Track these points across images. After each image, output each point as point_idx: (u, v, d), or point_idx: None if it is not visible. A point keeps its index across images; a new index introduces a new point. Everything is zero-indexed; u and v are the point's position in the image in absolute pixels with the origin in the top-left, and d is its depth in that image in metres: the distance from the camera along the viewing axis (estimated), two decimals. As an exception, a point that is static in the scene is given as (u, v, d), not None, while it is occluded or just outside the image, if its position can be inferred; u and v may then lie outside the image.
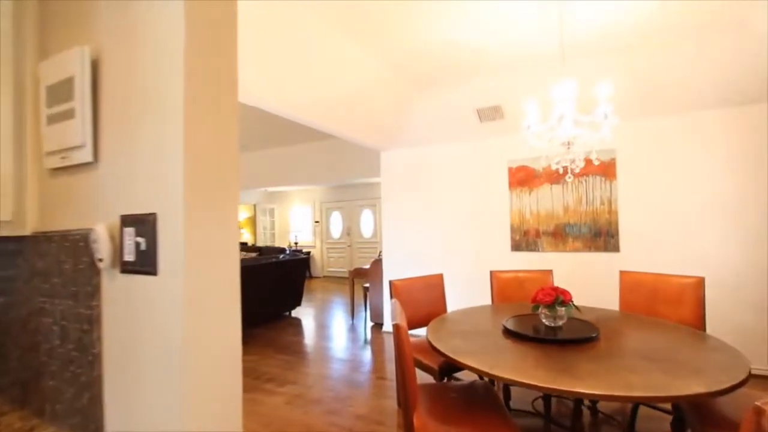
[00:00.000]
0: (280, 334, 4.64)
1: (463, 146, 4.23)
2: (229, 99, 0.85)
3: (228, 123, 0.84)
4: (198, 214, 0.75)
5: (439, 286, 2.98)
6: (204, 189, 0.77)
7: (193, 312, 0.75)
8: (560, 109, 2.00)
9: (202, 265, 0.77)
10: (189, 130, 0.74)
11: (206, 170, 0.78)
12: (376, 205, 9.19)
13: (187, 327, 0.73)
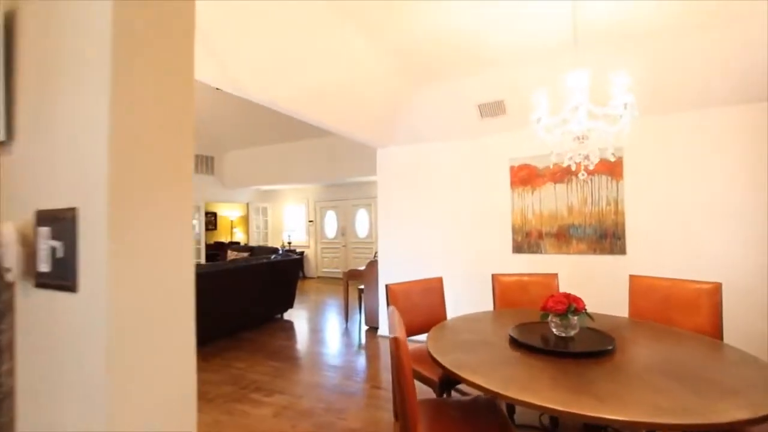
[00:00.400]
0: (270, 338, 4.44)
1: (463, 143, 4.05)
2: (182, 71, 0.67)
3: (179, 100, 0.66)
4: (129, 211, 0.56)
5: (439, 290, 2.80)
6: (141, 179, 0.58)
7: (123, 344, 0.56)
8: (575, 99, 1.83)
9: (134, 278, 0.58)
10: (118, 104, 0.55)
11: (144, 156, 0.59)
12: (371, 205, 9.00)
13: (111, 366, 0.54)
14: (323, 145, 8.01)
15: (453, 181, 4.12)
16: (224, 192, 9.49)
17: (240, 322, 4.63)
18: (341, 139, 7.76)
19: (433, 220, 4.22)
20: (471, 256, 4.00)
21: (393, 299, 2.54)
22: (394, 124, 4.01)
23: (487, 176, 3.94)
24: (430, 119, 3.91)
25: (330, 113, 3.36)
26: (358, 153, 7.52)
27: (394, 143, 4.37)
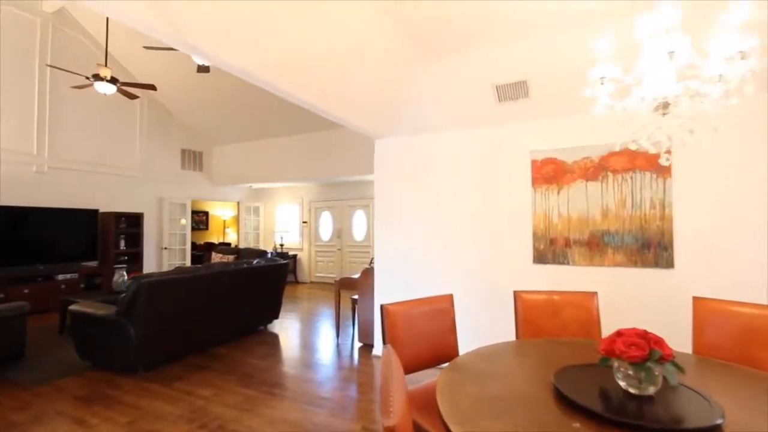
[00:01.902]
0: (247, 355, 3.84)
1: (475, 133, 3.47)
2: None
3: None
4: None
5: (448, 312, 2.20)
6: None
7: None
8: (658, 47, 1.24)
9: None
10: None
11: None
12: (369, 206, 8.41)
13: None
14: (318, 140, 7.43)
15: (462, 178, 3.53)
16: (215, 190, 8.90)
17: (215, 335, 4.03)
18: (337, 134, 7.19)
19: (438, 223, 3.63)
20: (483, 266, 3.41)
21: (391, 325, 1.95)
22: (395, 109, 3.42)
23: (503, 172, 3.35)
24: (438, 103, 3.32)
25: (317, 91, 2.78)
26: (356, 149, 6.94)
27: (395, 133, 3.79)
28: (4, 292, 5.30)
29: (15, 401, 2.82)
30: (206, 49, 2.05)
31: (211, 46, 2.06)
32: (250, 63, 2.25)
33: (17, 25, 5.77)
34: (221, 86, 6.72)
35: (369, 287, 4.13)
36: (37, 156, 5.99)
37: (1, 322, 3.27)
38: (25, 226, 5.70)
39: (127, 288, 3.23)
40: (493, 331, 3.24)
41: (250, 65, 2.25)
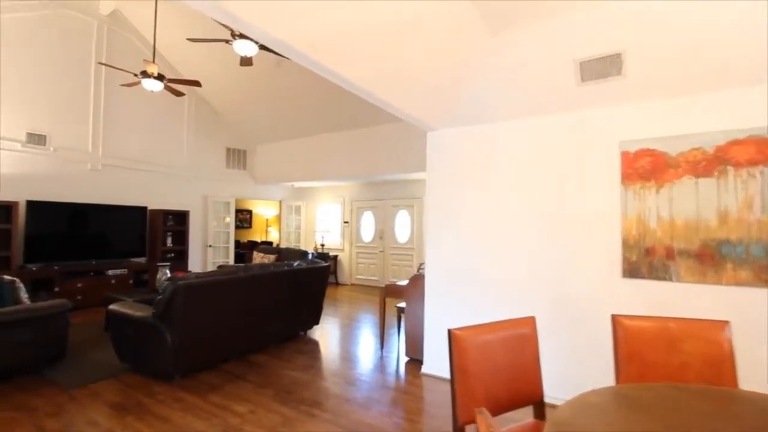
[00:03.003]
0: (286, 366, 3.56)
1: (550, 120, 2.95)
2: None
3: None
4: None
5: (530, 340, 1.74)
6: None
7: None
8: None
9: None
10: None
11: None
12: (414, 206, 8.00)
13: None
14: (362, 137, 7.13)
15: (534, 174, 3.02)
16: (258, 189, 8.89)
17: (253, 341, 3.80)
18: (382, 130, 6.84)
19: (502, 227, 3.15)
20: (558, 280, 2.88)
21: (460, 355, 1.53)
22: (454, 94, 2.99)
23: (585, 167, 2.81)
24: (506, 86, 2.84)
25: (366, 72, 2.41)
26: (401, 146, 6.56)
27: (453, 122, 3.34)
28: (59, 286, 5.45)
29: (50, 405, 2.70)
30: (245, 18, 1.74)
31: (250, 16, 1.75)
32: (292, 36, 1.92)
33: (76, 27, 5.95)
34: (265, 83, 6.60)
35: (418, 296, 3.73)
36: (92, 154, 6.16)
37: (44, 321, 3.21)
38: (80, 222, 5.86)
39: (163, 289, 3.05)
40: (578, 364, 2.72)
41: (292, 38, 1.92)
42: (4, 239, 5.13)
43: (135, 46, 6.62)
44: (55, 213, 5.59)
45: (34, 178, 5.57)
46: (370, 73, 2.44)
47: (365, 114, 6.65)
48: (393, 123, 6.62)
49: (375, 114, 6.53)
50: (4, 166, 5.32)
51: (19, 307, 3.16)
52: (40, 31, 5.59)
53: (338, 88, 6.22)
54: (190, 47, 6.36)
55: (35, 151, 5.57)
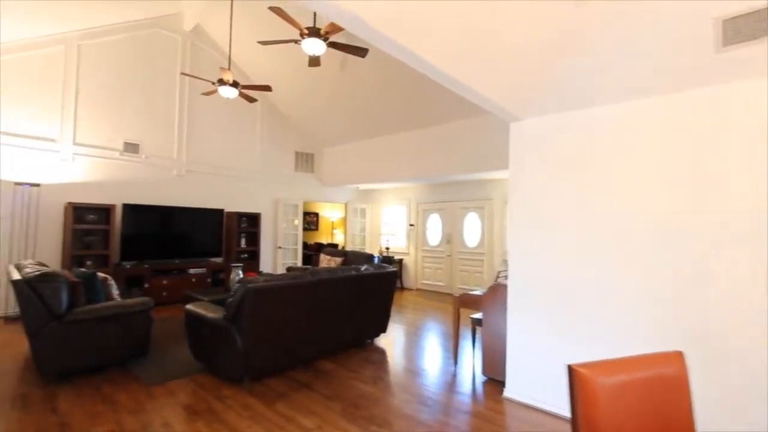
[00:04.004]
0: (354, 376, 3.36)
1: (673, 99, 2.38)
2: None
3: None
4: None
5: (679, 384, 1.29)
6: None
7: None
8: None
9: None
10: None
11: None
12: (484, 208, 7.47)
13: None
14: (429, 137, 6.81)
15: (648, 168, 2.47)
16: (324, 191, 8.99)
17: (319, 347, 3.67)
18: (450, 129, 6.45)
19: (605, 233, 2.63)
20: (685, 300, 2.30)
21: (588, 401, 1.15)
22: (549, 74, 2.55)
23: (722, 156, 2.21)
24: (618, 59, 2.34)
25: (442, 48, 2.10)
26: (472, 144, 6.12)
27: (545, 108, 2.89)
28: (148, 282, 5.90)
29: (131, 401, 2.77)
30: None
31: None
32: (365, 9, 1.68)
33: (163, 44, 6.45)
34: (331, 86, 6.59)
35: (498, 308, 3.31)
36: (176, 160, 6.62)
37: (130, 317, 3.36)
38: (166, 223, 6.31)
39: (234, 291, 3.02)
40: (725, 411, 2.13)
41: (363, 10, 1.68)
42: (104, 239, 5.67)
43: (213, 57, 7.02)
44: (145, 215, 6.07)
45: (128, 183, 6.10)
46: (452, 56, 2.13)
47: (432, 113, 6.33)
48: (462, 120, 6.21)
49: (442, 112, 6.18)
50: (106, 173, 5.89)
51: (109, 303, 3.35)
52: (135, 50, 6.12)
53: (404, 88, 5.98)
54: (261, 56, 6.57)
55: (130, 158, 6.11)
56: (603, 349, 2.58)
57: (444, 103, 5.98)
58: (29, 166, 5.23)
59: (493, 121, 5.78)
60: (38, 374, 3.16)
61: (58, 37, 5.40)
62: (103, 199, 5.79)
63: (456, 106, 5.94)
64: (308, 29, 3.79)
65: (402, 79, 5.83)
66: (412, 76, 5.68)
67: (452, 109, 6.09)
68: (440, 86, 5.64)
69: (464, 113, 6.06)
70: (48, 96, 5.37)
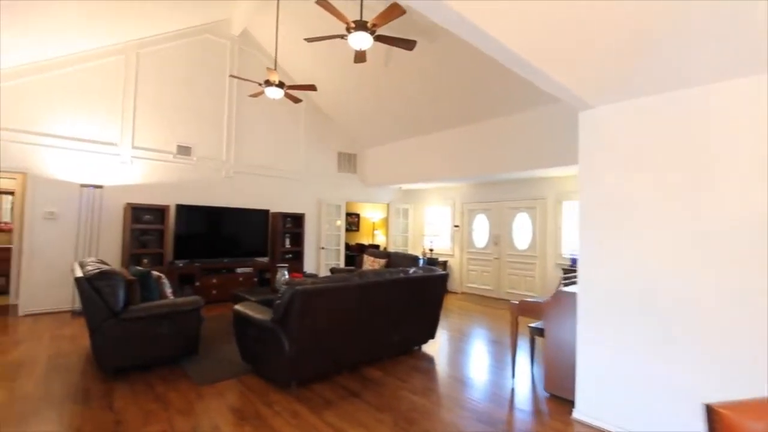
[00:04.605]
0: (404, 386, 3.17)
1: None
2: None
3: None
4: None
5: None
6: None
7: None
8: None
9: None
10: None
11: None
12: (536, 208, 7.02)
13: None
14: (474, 134, 6.49)
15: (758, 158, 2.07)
16: (366, 192, 8.91)
17: (366, 353, 3.52)
18: (497, 124, 6.08)
19: (702, 235, 2.25)
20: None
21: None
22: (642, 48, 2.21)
23: None
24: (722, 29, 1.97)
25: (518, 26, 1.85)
26: (522, 139, 5.73)
27: (631, 91, 2.53)
28: (199, 281, 6.07)
29: (183, 401, 2.76)
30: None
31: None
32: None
33: (213, 49, 6.64)
34: (374, 85, 6.46)
35: (563, 317, 2.98)
36: (225, 162, 6.79)
37: (182, 316, 3.39)
38: (215, 223, 6.48)
39: (282, 293, 2.93)
40: None
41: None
42: (159, 238, 5.90)
43: (259, 60, 7.14)
44: (196, 215, 6.26)
45: (181, 184, 6.32)
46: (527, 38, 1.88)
47: (480, 108, 6.02)
48: (514, 115, 5.84)
49: (492, 107, 5.85)
50: (161, 174, 6.14)
51: (162, 302, 3.40)
52: (187, 56, 6.35)
53: (451, 83, 5.71)
54: (305, 58, 6.59)
55: (183, 161, 6.33)
56: (690, 368, 2.20)
57: (494, 97, 5.65)
58: (93, 169, 5.55)
59: (550, 115, 5.38)
60: (98, 369, 3.26)
61: (119, 47, 5.69)
62: (158, 200, 6.03)
63: (508, 100, 5.59)
64: (355, 23, 3.66)
65: (449, 75, 5.58)
66: (459, 71, 5.41)
67: (503, 104, 5.75)
68: (490, 80, 5.32)
69: (516, 107, 5.70)
70: (110, 102, 5.67)
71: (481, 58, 5.07)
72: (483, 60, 5.08)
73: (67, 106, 5.35)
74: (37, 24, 4.43)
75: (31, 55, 4.97)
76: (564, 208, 6.64)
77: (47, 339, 4.09)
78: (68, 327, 4.58)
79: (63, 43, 5.06)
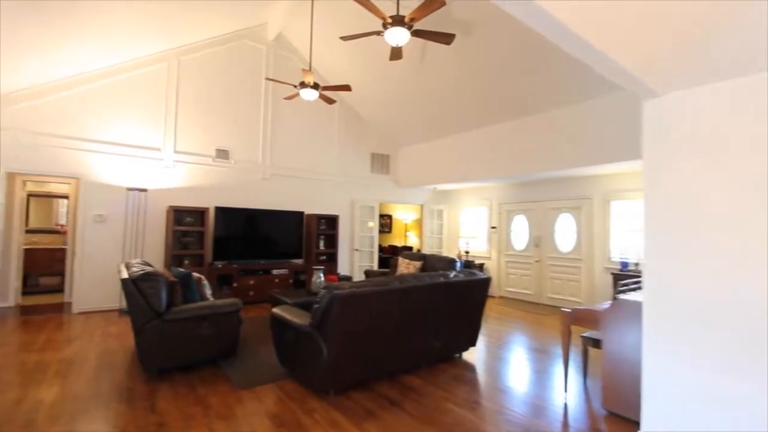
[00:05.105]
0: (447, 396, 3.00)
1: None
2: None
3: None
4: None
5: None
6: None
7: None
8: None
9: None
10: None
11: None
12: (581, 208, 6.61)
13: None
14: (512, 131, 6.20)
15: None
16: (399, 193, 8.78)
17: (404, 360, 3.38)
18: (539, 120, 5.75)
19: (801, 234, 1.93)
20: None
21: None
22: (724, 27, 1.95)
23: None
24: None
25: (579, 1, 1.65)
26: (566, 135, 5.40)
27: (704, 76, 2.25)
28: (237, 282, 6.16)
29: (222, 405, 2.74)
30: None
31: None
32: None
33: (250, 55, 6.75)
34: (408, 84, 6.32)
35: (624, 328, 2.71)
36: (261, 165, 6.87)
37: (221, 318, 3.40)
38: (252, 225, 6.57)
39: (320, 297, 2.85)
40: None
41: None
42: (199, 240, 6.04)
43: (294, 64, 7.19)
44: (234, 217, 6.37)
45: (220, 187, 6.46)
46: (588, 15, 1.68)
47: (520, 104, 5.73)
48: (557, 110, 5.52)
49: (533, 102, 5.56)
50: (200, 178, 6.29)
51: (203, 303, 3.42)
52: (225, 62, 6.48)
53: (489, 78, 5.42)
54: (339, 59, 6.55)
55: (221, 164, 6.46)
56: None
57: (536, 92, 5.36)
58: (138, 173, 5.76)
59: (600, 108, 5.03)
60: (142, 368, 3.32)
61: (162, 55, 5.89)
62: (198, 203, 6.19)
63: (552, 94, 5.29)
64: (392, 18, 3.54)
65: (486, 70, 5.35)
66: (498, 65, 5.17)
67: (546, 99, 5.44)
68: (532, 74, 5.04)
69: (562, 101, 5.38)
70: (153, 109, 5.87)
71: (522, 51, 4.81)
72: (524, 52, 4.82)
73: (115, 114, 5.59)
74: (92, 36, 4.63)
75: (84, 66, 5.22)
76: (612, 209, 6.20)
77: (97, 337, 4.25)
78: (116, 325, 4.75)
79: (111, 53, 5.28)
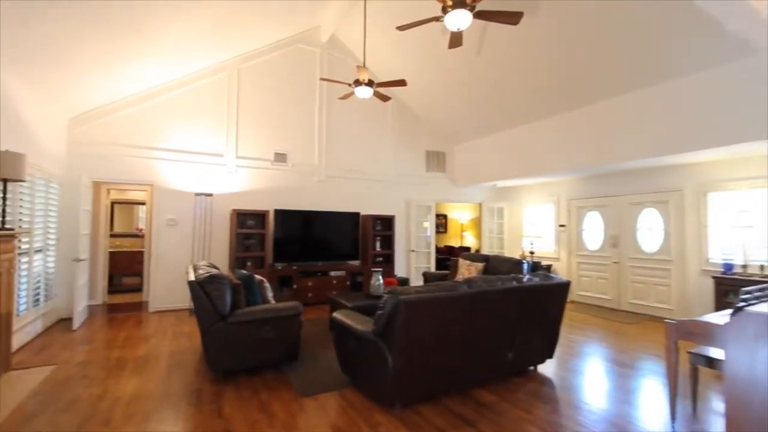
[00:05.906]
0: (525, 416, 2.66)
1: None
2: None
3: None
4: None
5: None
6: None
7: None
8: None
9: None
10: None
11: None
12: (668, 202, 5.82)
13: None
14: (588, 117, 5.59)
15: None
16: (456, 191, 8.41)
17: (475, 373, 3.08)
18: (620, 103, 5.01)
19: None
20: None
21: None
22: None
23: None
24: None
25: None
26: (655, 119, 4.71)
27: None
28: (296, 283, 6.22)
29: (286, 413, 2.65)
30: None
31: None
32: None
33: (304, 58, 6.81)
34: (464, 77, 5.97)
35: (755, 347, 2.19)
36: (317, 167, 6.91)
37: (282, 321, 3.35)
38: (310, 227, 6.61)
39: (383, 302, 2.66)
40: None
41: None
42: (260, 242, 6.18)
43: (347, 64, 7.14)
44: (293, 219, 6.44)
45: (279, 190, 6.58)
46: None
47: (592, 87, 5.14)
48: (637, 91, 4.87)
49: (607, 84, 4.95)
50: (260, 181, 6.45)
51: (265, 306, 3.39)
52: (281, 67, 6.60)
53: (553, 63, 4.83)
54: (393, 55, 6.37)
55: (279, 167, 6.58)
56: None
57: (612, 72, 4.77)
58: (204, 179, 6.03)
59: (693, 86, 4.35)
60: (208, 368, 3.36)
61: (224, 64, 6.12)
62: (259, 206, 6.34)
63: (630, 74, 4.67)
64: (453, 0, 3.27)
65: (553, 53, 4.86)
66: (567, 47, 4.67)
67: (625, 79, 4.82)
68: (608, 53, 4.46)
69: (643, 81, 4.73)
70: (217, 116, 6.12)
71: (597, 28, 4.28)
72: (599, 29, 4.29)
73: (182, 123, 5.89)
74: (163, 51, 4.89)
75: (154, 79, 5.55)
76: (710, 201, 5.36)
77: (169, 335, 4.45)
78: (186, 324, 4.96)
79: (180, 66, 5.57)
